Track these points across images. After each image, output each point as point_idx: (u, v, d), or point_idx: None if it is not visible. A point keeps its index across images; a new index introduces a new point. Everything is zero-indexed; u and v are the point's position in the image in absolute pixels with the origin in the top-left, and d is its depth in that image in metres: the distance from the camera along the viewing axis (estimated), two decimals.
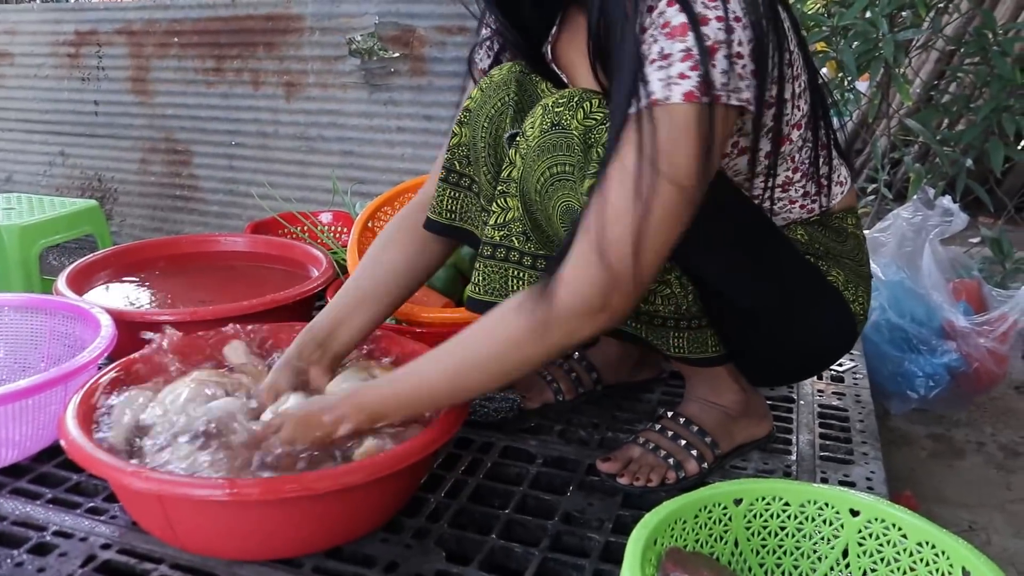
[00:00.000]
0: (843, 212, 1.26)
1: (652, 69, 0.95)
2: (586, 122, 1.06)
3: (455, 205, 1.29)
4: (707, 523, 0.97)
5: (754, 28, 0.96)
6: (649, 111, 0.94)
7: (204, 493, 0.97)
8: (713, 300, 1.19)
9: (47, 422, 1.24)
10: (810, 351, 1.26)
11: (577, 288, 0.96)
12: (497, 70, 1.24)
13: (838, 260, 1.22)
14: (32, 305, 1.50)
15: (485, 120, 1.22)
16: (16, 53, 3.45)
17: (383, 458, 1.02)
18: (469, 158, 1.27)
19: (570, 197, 1.08)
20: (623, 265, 0.95)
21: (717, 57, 0.94)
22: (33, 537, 1.12)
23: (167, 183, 3.25)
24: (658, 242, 0.96)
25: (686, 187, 0.94)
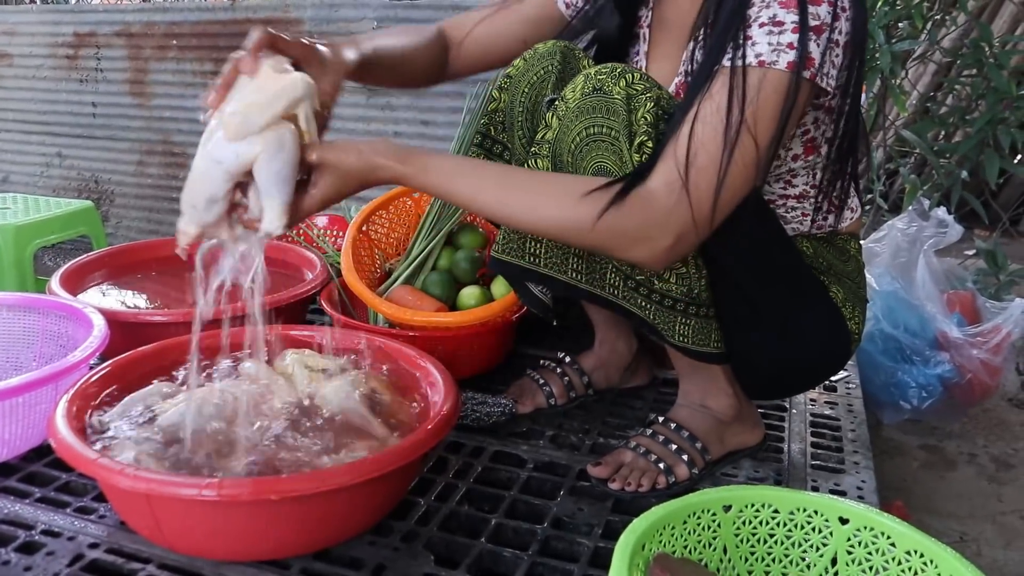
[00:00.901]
0: (848, 236, 1.30)
1: (762, 32, 1.01)
2: (629, 90, 1.08)
3: None
4: (696, 529, 0.97)
5: (853, 24, 1.03)
6: (752, 70, 1.00)
7: (192, 493, 0.97)
8: (722, 292, 1.20)
9: (37, 421, 1.23)
10: (804, 362, 1.27)
11: (659, 217, 1.01)
12: (542, 44, 1.28)
13: (839, 278, 1.24)
14: (25, 304, 1.50)
15: (526, 86, 1.26)
16: (15, 54, 3.45)
17: (371, 460, 1.02)
18: (505, 124, 1.30)
19: (604, 159, 1.09)
20: (703, 207, 1.00)
21: (822, 37, 1.00)
22: (21, 536, 1.11)
23: (163, 185, 3.25)
24: (731, 192, 1.01)
25: (762, 148, 1.01)
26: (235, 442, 1.13)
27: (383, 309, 1.50)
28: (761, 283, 1.19)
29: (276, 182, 1.02)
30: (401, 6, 2.63)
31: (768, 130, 1.01)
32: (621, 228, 1.01)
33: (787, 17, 1.00)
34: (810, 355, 1.26)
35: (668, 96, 1.10)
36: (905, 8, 2.13)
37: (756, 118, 1.00)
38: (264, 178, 1.01)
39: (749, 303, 1.20)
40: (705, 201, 1.00)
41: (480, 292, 1.60)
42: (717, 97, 1.01)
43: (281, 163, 1.01)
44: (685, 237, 1.02)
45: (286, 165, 1.02)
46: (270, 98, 1.01)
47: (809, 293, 1.22)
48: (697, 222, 1.01)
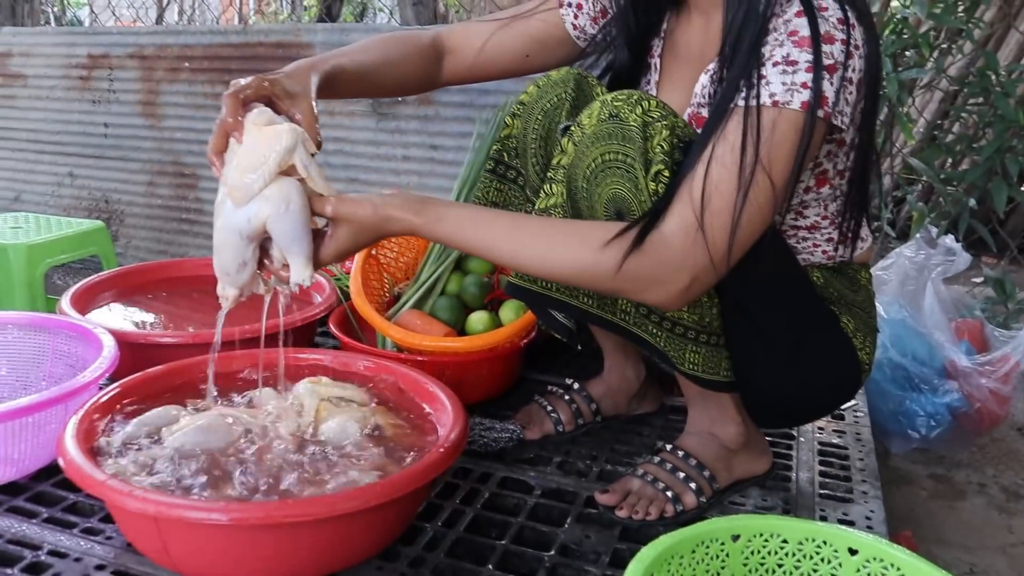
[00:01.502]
0: (859, 266, 1.30)
1: (776, 71, 1.01)
2: (645, 117, 1.09)
3: (499, 197, 1.33)
4: (704, 559, 0.97)
5: (868, 60, 1.03)
6: (766, 110, 1.00)
7: (200, 516, 0.97)
8: (733, 321, 1.20)
9: (47, 441, 1.23)
10: (814, 391, 1.27)
11: (674, 260, 1.01)
12: (556, 71, 1.29)
13: (850, 308, 1.24)
14: (36, 323, 1.51)
15: (540, 113, 1.26)
16: (30, 75, 3.48)
17: (380, 485, 1.02)
18: (518, 150, 1.30)
19: (619, 185, 1.09)
20: (718, 248, 1.00)
21: (835, 76, 1.00)
22: (28, 556, 1.12)
23: (173, 206, 3.27)
24: (747, 232, 1.02)
25: (778, 187, 1.01)
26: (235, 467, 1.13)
27: (392, 333, 1.50)
28: (772, 313, 1.19)
29: (292, 238, 1.05)
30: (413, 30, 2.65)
31: (784, 170, 1.01)
32: (638, 273, 1.02)
33: (800, 56, 1.01)
34: (820, 385, 1.25)
35: (683, 124, 1.11)
36: (912, 37, 2.15)
37: (771, 158, 1.00)
38: (279, 236, 1.05)
39: (760, 333, 1.20)
40: (720, 242, 1.00)
41: (489, 317, 1.61)
42: (731, 137, 1.01)
43: (290, 220, 1.04)
44: (701, 278, 1.02)
45: (296, 221, 1.04)
46: (260, 158, 1.03)
47: (820, 323, 1.22)
48: (714, 263, 1.01)
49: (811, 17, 1.01)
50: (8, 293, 2.05)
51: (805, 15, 1.01)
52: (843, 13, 1.02)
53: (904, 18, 2.12)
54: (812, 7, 1.02)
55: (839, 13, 1.02)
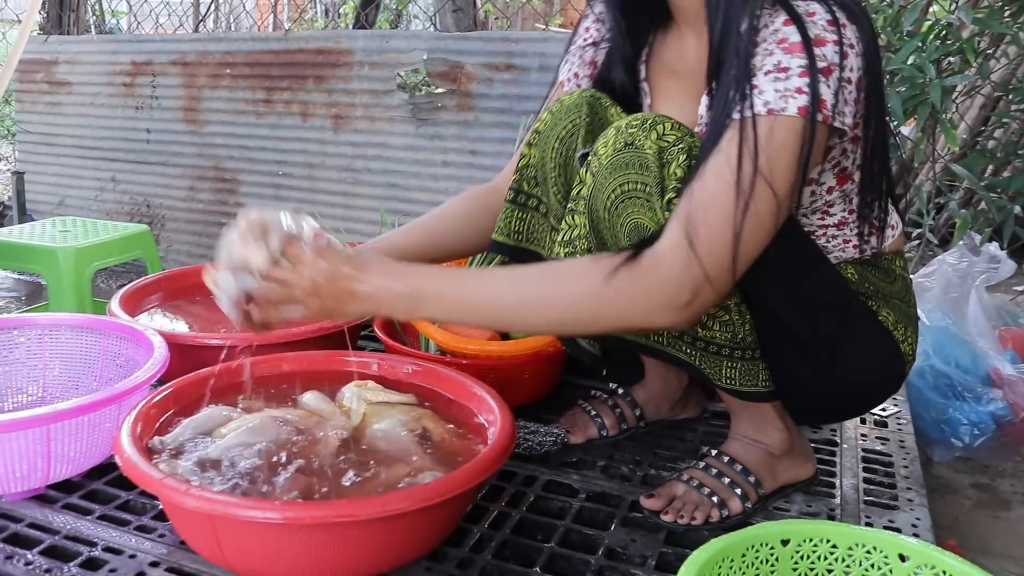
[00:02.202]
0: (892, 255, 1.28)
1: (768, 80, 1.00)
2: (660, 143, 1.08)
3: (522, 226, 1.31)
4: (754, 563, 0.97)
5: (865, 56, 1.02)
6: (761, 119, 0.99)
7: (254, 515, 0.98)
8: (768, 332, 1.20)
9: (101, 440, 1.26)
10: (859, 390, 1.27)
11: (670, 277, 0.98)
12: (568, 96, 1.27)
13: (888, 300, 1.23)
14: (87, 325, 1.54)
15: (555, 140, 1.25)
16: (75, 82, 3.55)
17: (431, 486, 1.03)
18: (538, 179, 1.29)
19: (640, 215, 1.09)
20: (717, 261, 0.98)
21: (831, 78, 0.99)
22: (84, 552, 1.14)
23: (214, 211, 3.31)
24: (750, 243, 0.99)
25: (781, 195, 0.99)
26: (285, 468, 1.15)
27: (436, 336, 1.51)
28: (808, 319, 1.19)
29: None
30: (452, 38, 2.67)
31: (785, 178, 0.99)
32: (631, 292, 0.99)
33: (792, 62, 0.99)
34: (864, 383, 1.25)
35: (700, 144, 1.09)
36: (956, 42, 2.13)
37: (771, 167, 0.98)
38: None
39: (796, 342, 1.20)
40: (720, 256, 0.98)
41: None
42: (727, 150, 0.99)
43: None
44: (702, 293, 0.99)
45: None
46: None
47: (858, 321, 1.22)
48: (713, 277, 0.98)
49: (799, 24, 1.00)
50: (57, 295, 2.10)
51: (793, 23, 1.00)
52: (832, 15, 1.01)
53: (948, 23, 2.11)
54: (798, 14, 1.01)
55: (827, 16, 1.01)
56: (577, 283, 1.02)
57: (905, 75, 2.09)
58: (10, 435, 1.16)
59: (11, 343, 1.51)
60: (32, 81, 3.65)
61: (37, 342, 1.52)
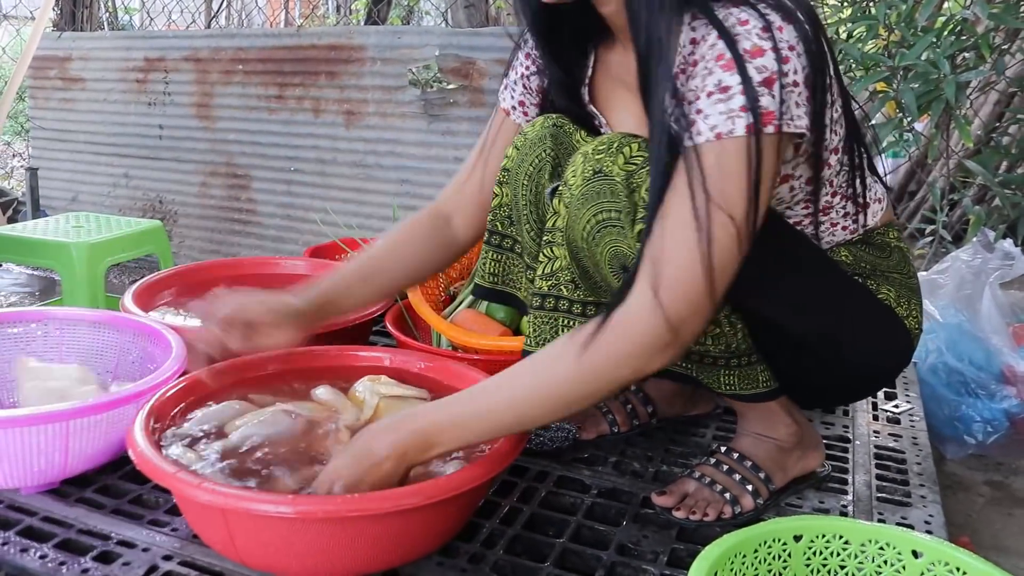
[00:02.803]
0: (884, 227, 1.28)
1: (711, 102, 0.98)
2: (627, 167, 1.07)
3: (498, 268, 1.32)
4: (766, 558, 0.97)
5: (808, 56, 1.00)
6: (708, 145, 0.97)
7: (267, 509, 0.99)
8: (766, 335, 1.19)
9: (118, 436, 1.27)
10: (868, 372, 1.26)
11: (642, 330, 0.98)
12: (530, 126, 1.26)
13: (886, 276, 1.23)
14: (104, 321, 1.55)
15: (524, 178, 1.25)
16: (88, 78, 3.57)
17: (444, 481, 1.03)
18: (511, 218, 1.29)
19: (618, 242, 1.09)
20: (691, 297, 0.97)
21: (775, 87, 0.97)
22: (98, 546, 1.14)
23: (226, 207, 3.33)
24: (721, 269, 0.98)
25: (739, 218, 0.97)
26: (297, 461, 1.16)
27: (449, 332, 1.52)
28: (803, 316, 1.17)
29: None
30: (464, 34, 2.67)
31: (739, 201, 0.97)
32: (610, 357, 0.99)
33: (731, 80, 0.97)
34: (872, 365, 1.24)
35: None
36: (971, 38, 2.12)
37: (723, 193, 0.96)
38: None
39: (796, 338, 1.18)
40: (692, 291, 0.97)
41: None
42: (679, 186, 0.98)
43: None
44: (684, 328, 0.98)
45: None
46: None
47: (857, 305, 1.20)
48: (692, 312, 0.97)
49: (727, 38, 0.98)
50: (71, 290, 2.11)
51: (722, 41, 0.98)
52: (764, 21, 0.98)
53: (963, 18, 2.10)
54: (725, 28, 0.98)
55: (760, 22, 0.98)
56: (556, 369, 1.02)
57: (919, 71, 2.09)
58: (30, 429, 1.17)
59: (28, 337, 1.52)
60: (46, 77, 3.67)
61: (54, 336, 1.53)
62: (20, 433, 1.17)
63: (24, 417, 1.17)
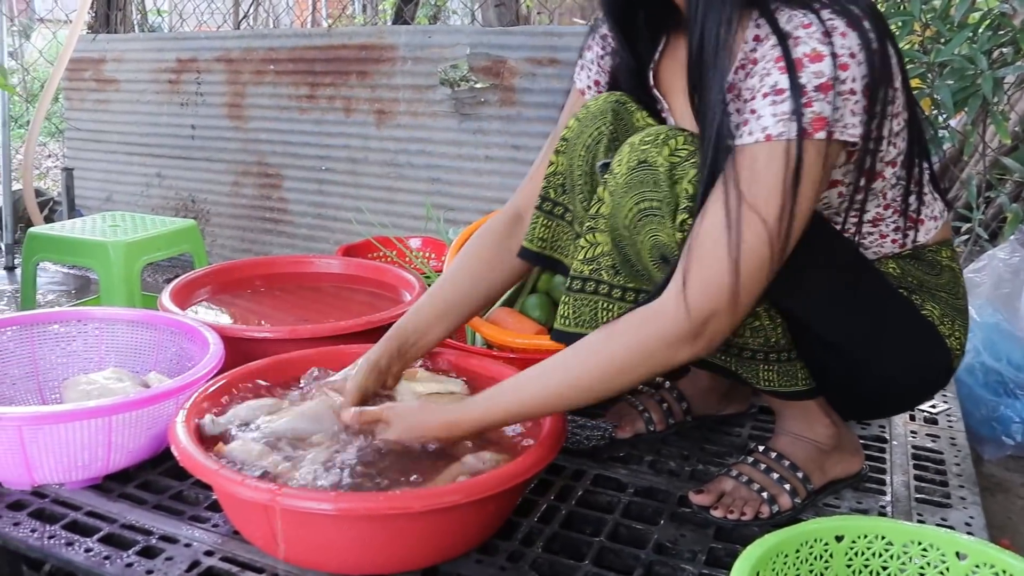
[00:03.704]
0: (937, 245, 1.25)
1: (765, 103, 0.98)
2: (671, 159, 1.08)
3: (548, 233, 1.32)
4: (808, 559, 0.96)
5: (869, 65, 0.98)
6: (752, 147, 0.98)
7: (308, 505, 1.00)
8: (804, 335, 1.19)
9: (159, 432, 1.28)
10: (903, 387, 1.25)
11: (669, 320, 1.01)
12: (594, 100, 1.26)
13: (933, 294, 1.21)
14: (143, 320, 1.57)
15: (582, 148, 1.25)
16: (122, 79, 3.60)
17: (484, 479, 1.04)
18: (565, 186, 1.29)
19: (659, 232, 1.09)
20: (717, 294, 0.99)
21: (830, 94, 0.96)
22: (140, 541, 1.16)
23: (258, 206, 3.35)
24: (751, 271, 0.99)
25: (777, 221, 0.98)
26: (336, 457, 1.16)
27: (484, 330, 1.52)
28: (843, 322, 1.16)
29: None
30: (494, 32, 2.67)
31: (775, 206, 0.97)
32: (640, 343, 1.02)
33: (787, 83, 0.97)
34: (907, 381, 1.23)
35: None
36: (1008, 32, 2.09)
37: (759, 196, 0.97)
38: None
39: (833, 344, 1.18)
40: (719, 288, 0.98)
41: None
42: (720, 183, 1.00)
43: None
44: (711, 324, 1.00)
45: None
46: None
47: (898, 318, 1.19)
48: (718, 309, 0.99)
49: (787, 41, 0.98)
50: (108, 289, 2.13)
51: (776, 44, 0.98)
52: (826, 25, 0.98)
53: (1002, 13, 2.07)
54: (785, 31, 0.99)
55: (823, 26, 0.98)
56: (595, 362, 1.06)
57: (955, 67, 2.06)
58: (74, 425, 1.18)
59: (69, 336, 1.55)
60: (80, 79, 3.71)
61: (94, 335, 1.55)
62: (65, 429, 1.19)
63: (68, 412, 1.19)
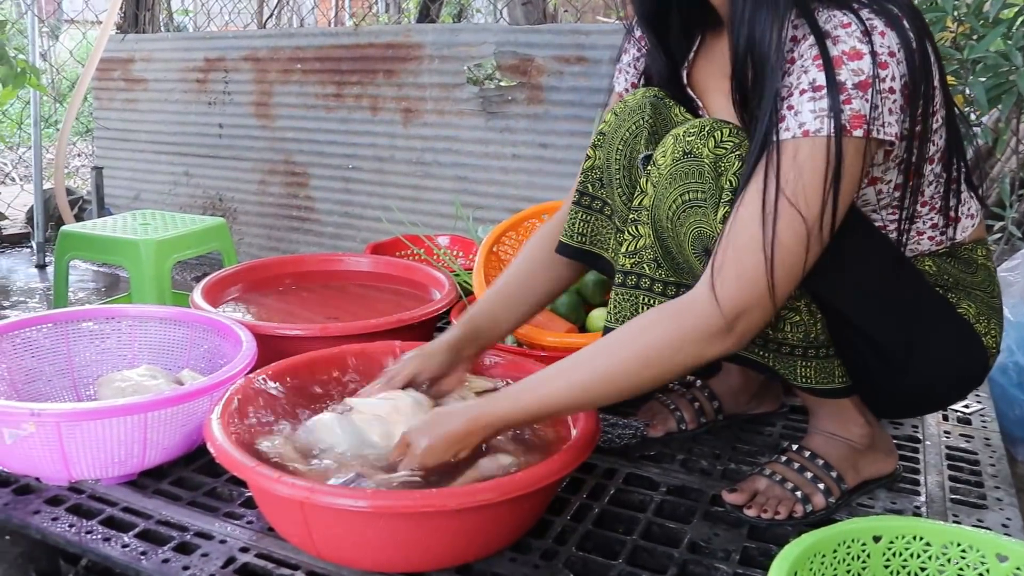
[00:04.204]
0: (973, 244, 1.25)
1: (804, 99, 0.98)
2: (717, 151, 1.08)
3: (587, 228, 1.32)
4: (845, 559, 0.96)
5: (909, 64, 0.98)
6: (791, 142, 0.98)
7: (344, 503, 1.00)
8: (841, 331, 1.18)
9: (193, 428, 1.29)
10: (939, 385, 1.24)
11: (700, 312, 1.01)
12: (631, 95, 1.26)
13: (968, 292, 1.20)
14: (175, 317, 1.58)
15: (619, 143, 1.25)
16: (150, 79, 3.63)
17: (518, 477, 1.04)
18: (603, 180, 1.29)
19: (702, 224, 1.09)
20: (750, 287, 0.99)
21: (869, 91, 0.96)
22: (176, 536, 1.17)
23: (284, 204, 3.37)
24: (786, 266, 0.99)
25: (810, 217, 0.98)
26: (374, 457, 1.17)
27: (517, 330, 1.52)
28: (878, 318, 1.16)
29: None
30: (522, 31, 2.67)
31: (813, 202, 0.98)
32: (672, 336, 1.02)
33: (826, 80, 0.97)
34: (943, 378, 1.22)
35: None
36: None
37: (797, 192, 0.98)
38: None
39: (870, 342, 1.17)
40: (751, 282, 0.99)
41: None
42: (757, 177, 1.00)
43: None
44: (742, 318, 1.00)
45: None
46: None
47: (935, 316, 1.18)
48: (751, 303, 1.00)
49: (826, 39, 0.98)
50: (139, 286, 2.16)
51: (817, 43, 0.98)
52: (866, 24, 0.98)
53: None
54: (824, 29, 0.99)
55: (862, 25, 0.98)
56: (626, 356, 1.06)
57: (989, 63, 2.04)
58: (111, 421, 1.20)
59: (102, 333, 1.56)
60: (109, 79, 3.75)
61: (127, 332, 1.57)
62: (102, 425, 1.20)
63: (105, 409, 1.20)
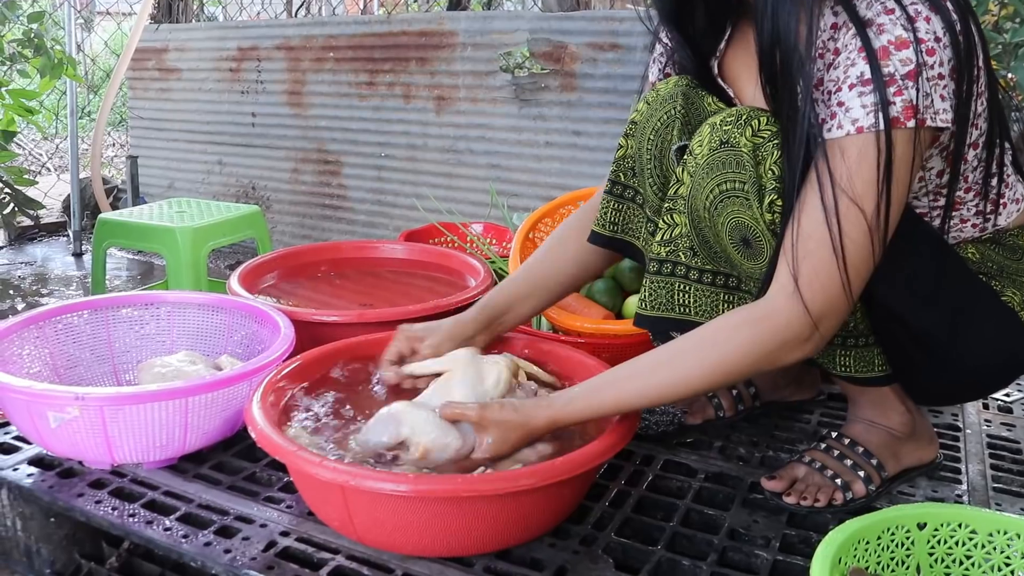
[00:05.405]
0: (1019, 229, 1.23)
1: (852, 94, 0.97)
2: (755, 139, 1.07)
3: (618, 217, 1.31)
4: (889, 546, 0.95)
5: (954, 47, 0.97)
6: (845, 139, 0.97)
7: (386, 487, 1.01)
8: (881, 319, 1.17)
9: (233, 413, 1.30)
10: (982, 373, 1.22)
11: (786, 322, 1.01)
12: (663, 84, 1.25)
13: (1013, 279, 1.18)
14: (213, 304, 1.59)
15: (651, 132, 1.24)
16: (184, 68, 3.66)
17: (558, 463, 1.04)
18: (634, 170, 1.29)
19: (740, 214, 1.08)
20: (829, 291, 1.00)
21: (920, 80, 0.95)
22: (217, 520, 1.18)
23: (317, 192, 3.38)
24: (857, 265, 0.99)
25: (875, 212, 0.98)
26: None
27: (552, 316, 1.52)
28: (922, 306, 1.14)
29: None
30: (555, 18, 2.66)
31: (873, 197, 0.98)
32: (756, 345, 1.03)
33: (874, 72, 0.96)
34: (985, 367, 1.20)
35: None
36: None
37: (858, 190, 0.97)
38: None
39: (911, 333, 1.15)
40: (829, 286, 0.99)
41: None
42: (814, 179, 1.00)
43: None
44: (824, 322, 1.02)
45: None
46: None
47: (977, 303, 1.16)
48: (830, 307, 1.01)
49: (871, 28, 0.97)
50: (176, 273, 2.18)
51: (857, 33, 0.97)
52: (910, 11, 0.96)
53: None
54: (867, 19, 0.98)
55: (905, 13, 0.96)
56: (704, 360, 1.06)
57: None
58: (153, 405, 1.21)
59: (141, 319, 1.58)
60: (144, 68, 3.78)
61: (166, 318, 1.58)
62: (144, 409, 1.21)
63: (148, 394, 1.22)
